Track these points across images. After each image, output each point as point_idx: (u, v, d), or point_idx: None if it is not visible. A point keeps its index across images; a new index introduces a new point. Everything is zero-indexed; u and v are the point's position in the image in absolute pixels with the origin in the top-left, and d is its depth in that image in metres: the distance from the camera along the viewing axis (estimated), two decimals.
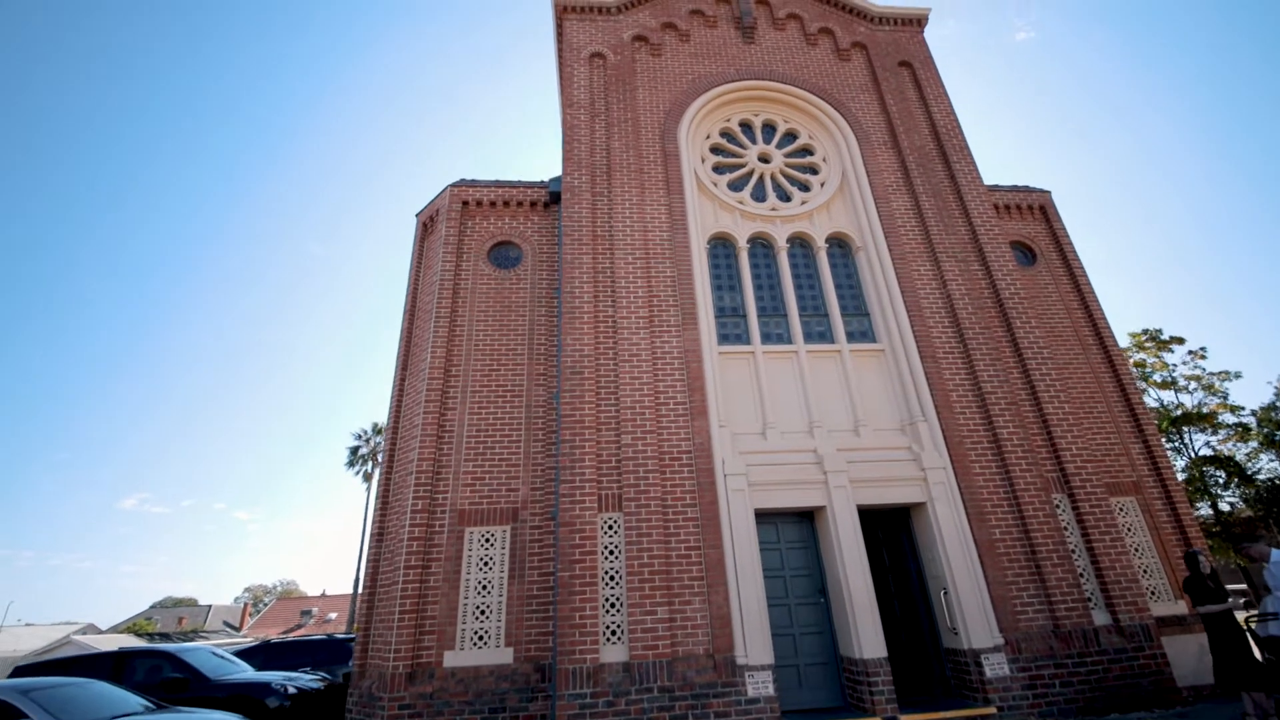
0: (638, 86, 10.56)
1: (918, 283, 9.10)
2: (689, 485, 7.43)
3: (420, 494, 7.78)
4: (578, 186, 9.32)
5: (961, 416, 8.16)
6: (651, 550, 6.96)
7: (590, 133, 9.89)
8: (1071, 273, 10.45)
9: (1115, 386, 9.51)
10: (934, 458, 7.83)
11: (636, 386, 7.90)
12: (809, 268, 9.61)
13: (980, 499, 7.62)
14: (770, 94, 10.96)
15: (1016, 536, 7.48)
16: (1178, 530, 8.46)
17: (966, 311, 8.87)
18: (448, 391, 8.54)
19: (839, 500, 7.50)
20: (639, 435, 7.60)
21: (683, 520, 7.23)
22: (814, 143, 10.73)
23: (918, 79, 11.21)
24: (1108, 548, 7.45)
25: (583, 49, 10.77)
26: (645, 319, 8.40)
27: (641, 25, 11.20)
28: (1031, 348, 8.64)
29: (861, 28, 11.73)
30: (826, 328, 9.07)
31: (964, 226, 9.68)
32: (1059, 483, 7.89)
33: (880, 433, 8.25)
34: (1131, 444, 9.10)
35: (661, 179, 9.62)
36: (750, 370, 8.59)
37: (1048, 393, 8.34)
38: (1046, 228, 10.97)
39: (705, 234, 9.51)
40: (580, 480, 7.27)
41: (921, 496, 7.69)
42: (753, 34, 11.42)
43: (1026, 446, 7.98)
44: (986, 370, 8.43)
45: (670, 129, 10.15)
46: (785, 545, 7.81)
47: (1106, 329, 9.90)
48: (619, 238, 8.98)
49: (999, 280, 9.14)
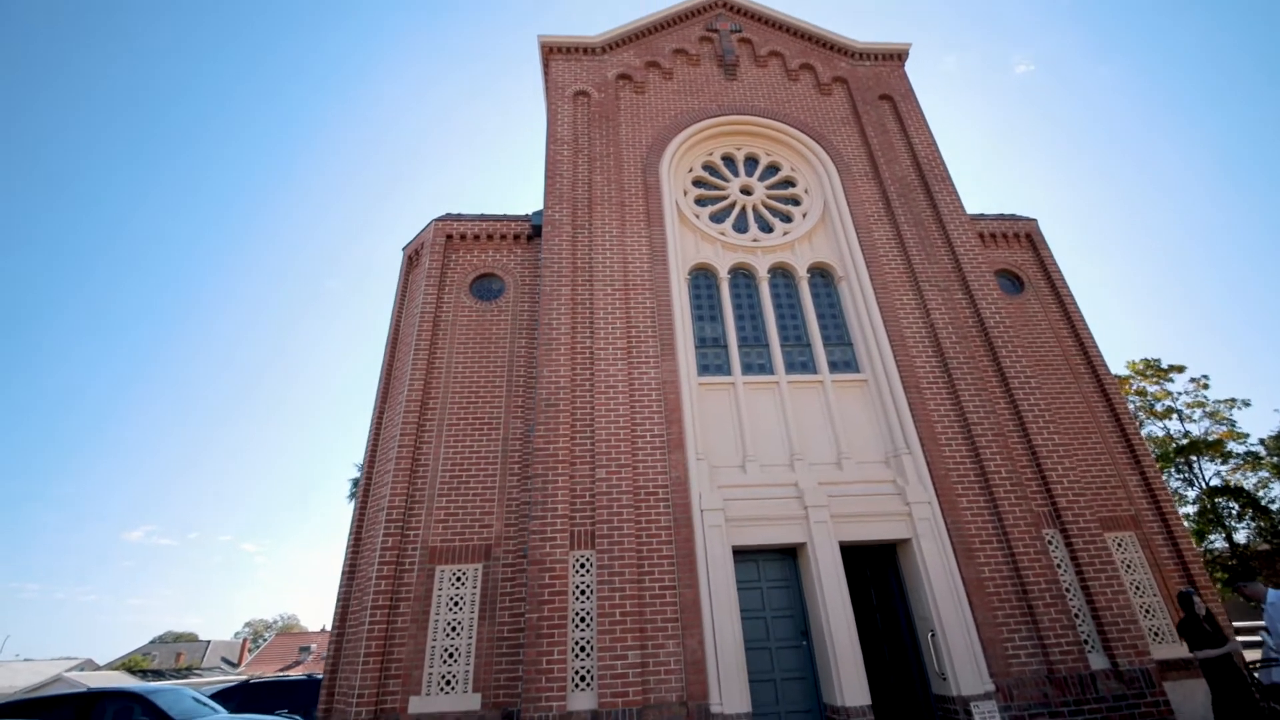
0: (621, 122, 10.75)
1: (900, 312, 9.00)
2: (665, 521, 7.23)
3: (391, 530, 7.62)
4: (558, 220, 9.39)
5: (947, 449, 7.94)
6: (624, 590, 6.73)
7: (573, 167, 10.02)
8: (1060, 301, 10.32)
9: (1109, 416, 9.27)
10: (918, 492, 7.59)
11: (612, 419, 7.78)
12: (791, 298, 9.56)
13: (968, 535, 7.35)
14: (752, 128, 11.11)
15: (1007, 575, 7.17)
16: (1180, 567, 8.10)
17: (950, 340, 8.73)
18: (424, 425, 8.45)
19: (820, 536, 7.26)
20: (614, 469, 7.44)
21: (658, 558, 7.01)
22: (796, 175, 10.81)
23: (899, 111, 11.34)
24: (1104, 586, 7.11)
25: (567, 87, 11.02)
26: (623, 349, 8.33)
27: (625, 64, 11.47)
28: (1018, 377, 8.47)
29: (842, 63, 11.94)
30: (809, 358, 8.96)
31: (947, 255, 9.62)
32: (1050, 518, 7.60)
33: (864, 465, 8.03)
34: (1129, 476, 8.80)
35: (643, 211, 9.69)
36: (730, 401, 8.45)
37: (1036, 423, 8.12)
38: (1034, 255, 10.90)
39: (686, 265, 9.51)
40: (552, 516, 7.09)
41: (906, 533, 7.42)
42: (735, 71, 11.65)
43: (1015, 479, 7.73)
44: (972, 400, 8.24)
45: (652, 163, 10.27)
46: (766, 584, 7.54)
47: (1098, 357, 9.71)
48: (598, 269, 9.00)
49: (983, 308, 9.02)
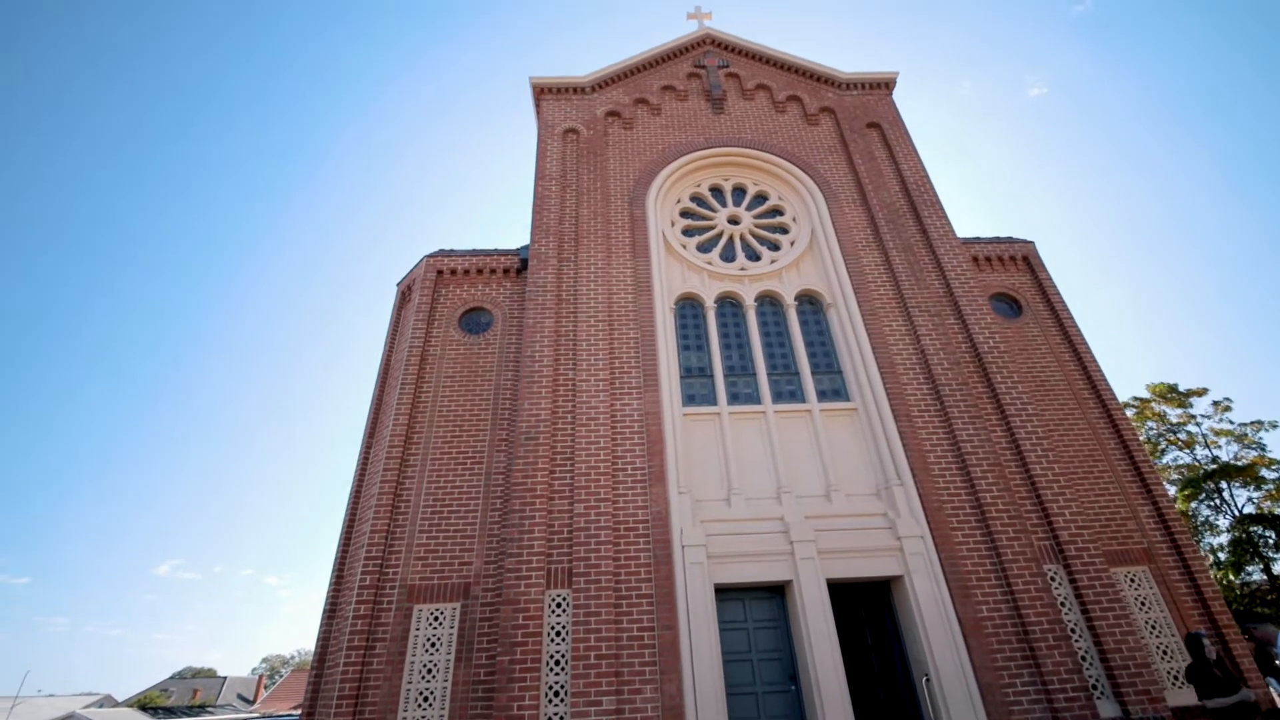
0: (609, 157, 10.93)
1: (890, 338, 8.82)
2: (644, 558, 7.04)
3: (370, 568, 7.54)
4: (543, 253, 9.49)
5: (941, 479, 7.65)
6: (600, 631, 6.51)
7: (560, 202, 10.18)
8: (1061, 324, 10.02)
9: (1117, 444, 8.87)
10: (910, 525, 7.29)
11: (593, 451, 7.68)
12: (779, 326, 9.45)
13: (963, 571, 7.00)
14: (740, 159, 11.21)
15: (1006, 614, 6.78)
16: (1199, 603, 7.59)
17: (942, 366, 8.50)
18: (407, 460, 8.43)
19: (806, 573, 6.98)
20: (593, 504, 7.30)
21: (636, 597, 6.79)
22: (784, 203, 10.82)
23: (887, 139, 11.35)
24: (1112, 626, 6.68)
25: (557, 125, 11.28)
26: (606, 381, 8.28)
27: (614, 102, 11.73)
28: (1014, 403, 8.18)
29: (829, 93, 12.06)
30: (797, 386, 8.79)
31: (937, 280, 9.46)
32: (1052, 552, 7.22)
33: (853, 498, 7.77)
34: (1140, 507, 8.35)
35: (628, 243, 9.76)
36: (716, 432, 8.30)
37: (1034, 452, 7.80)
38: (1031, 278, 10.66)
39: (672, 295, 9.50)
40: (528, 554, 6.95)
41: (898, 569, 7.11)
42: (722, 105, 11.83)
43: (1014, 511, 7.39)
44: (966, 428, 7.96)
45: (639, 196, 10.39)
46: (753, 624, 7.24)
47: (1103, 382, 9.35)
48: (582, 301, 9.03)
49: (976, 333, 8.80)
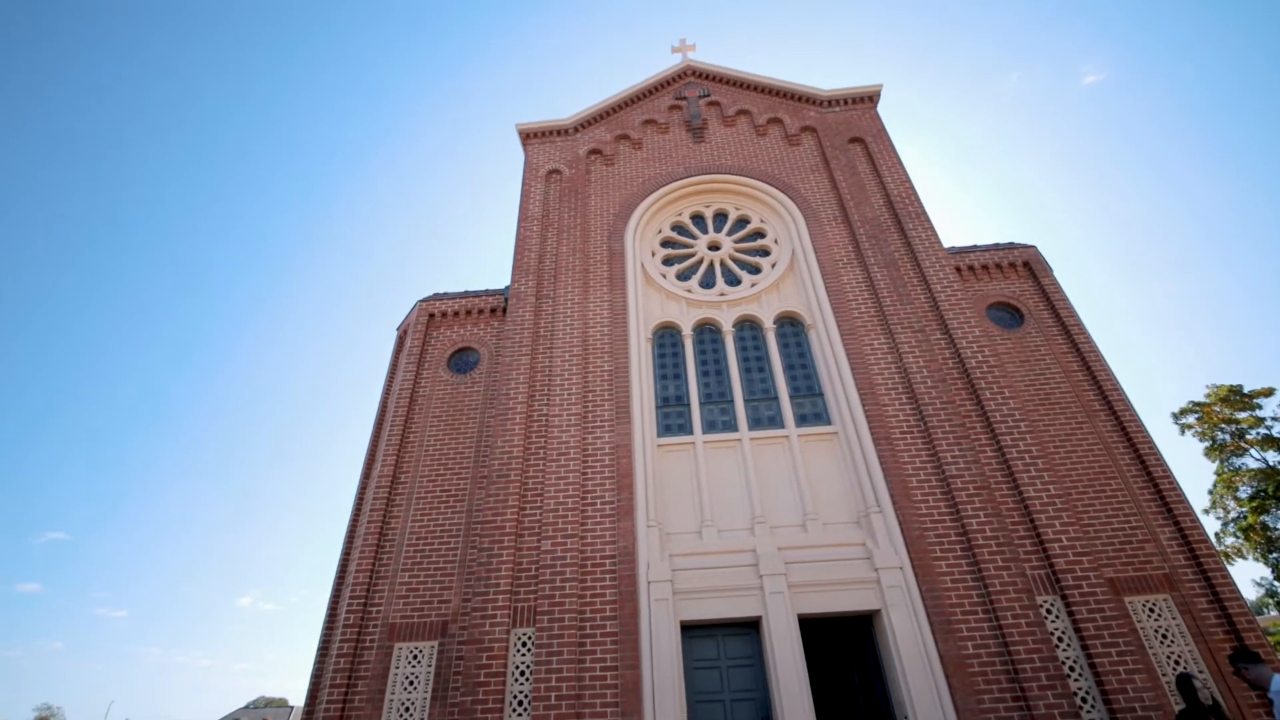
0: (590, 194, 11.21)
1: (870, 358, 8.53)
2: (610, 595, 6.97)
3: (354, 607, 7.78)
4: (523, 292, 9.77)
5: (923, 505, 7.26)
6: (561, 671, 6.47)
7: (540, 242, 10.49)
8: (1067, 332, 9.41)
9: (1133, 459, 8.17)
10: (888, 556, 6.93)
11: (562, 487, 7.73)
12: (759, 350, 9.32)
13: (945, 605, 6.57)
14: (721, 185, 11.25)
15: (994, 651, 6.30)
16: (1231, 635, 6.80)
17: (925, 385, 8.14)
18: (394, 499, 8.72)
19: (775, 609, 6.73)
20: (560, 540, 7.33)
21: (601, 635, 6.72)
22: (765, 226, 10.75)
23: (870, 152, 11.14)
24: (1115, 663, 6.08)
25: (541, 168, 11.69)
26: (578, 415, 8.36)
27: (596, 140, 12.07)
28: (1005, 421, 7.71)
29: (811, 112, 11.99)
30: (776, 411, 8.60)
31: (922, 295, 9.12)
32: (1048, 582, 6.68)
33: (831, 527, 7.47)
34: (1160, 528, 7.63)
35: (606, 277, 9.91)
36: (691, 462, 8.20)
37: (1027, 473, 7.29)
38: (1034, 284, 10.09)
39: (649, 325, 9.55)
40: (494, 593, 7.02)
41: (876, 602, 6.74)
42: (702, 133, 11.96)
43: (1004, 538, 6.91)
44: (950, 450, 7.55)
45: (618, 229, 10.58)
46: (727, 663, 7.00)
47: (1115, 391, 8.68)
48: (559, 337, 9.20)
49: (963, 348, 8.39)
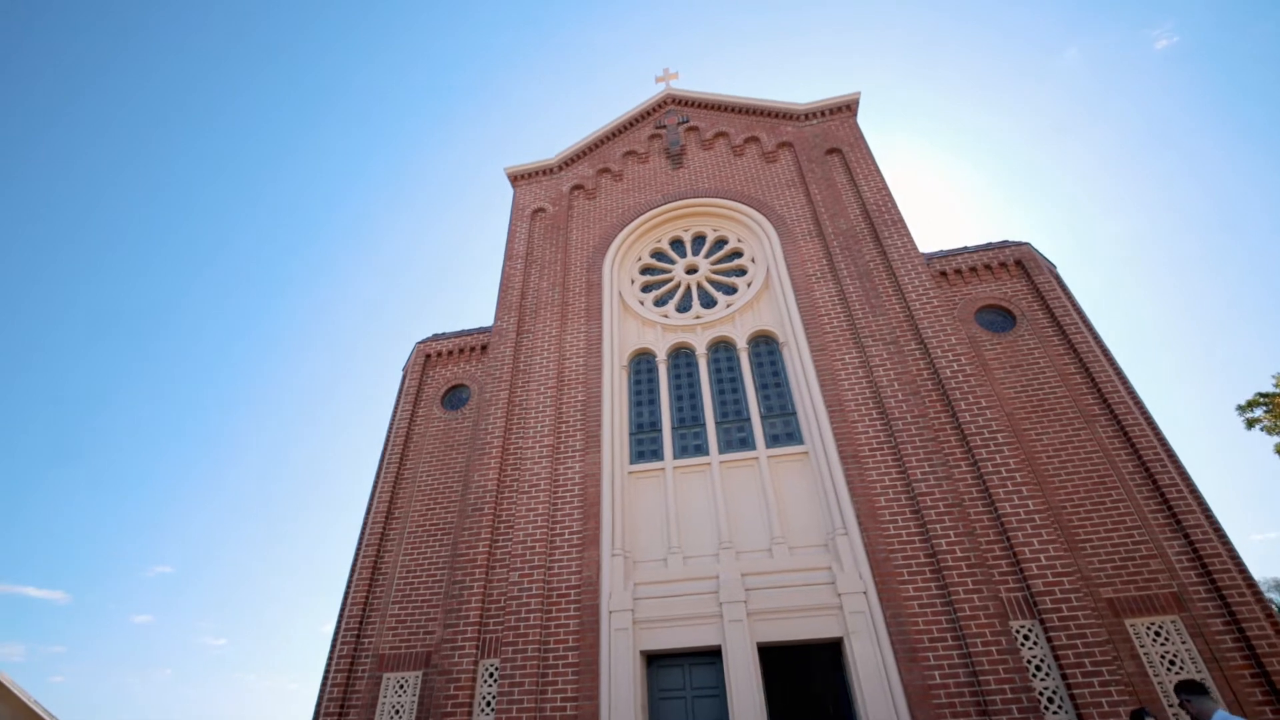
0: (571, 229, 11.61)
1: (841, 374, 8.34)
2: (574, 625, 7.09)
3: (346, 638, 8.24)
4: (505, 329, 10.19)
5: (891, 526, 6.98)
6: (522, 703, 6.62)
7: (523, 279, 10.93)
8: (1063, 332, 8.85)
9: (1136, 466, 7.54)
10: (852, 580, 6.70)
11: (531, 518, 7.96)
12: (733, 371, 9.29)
13: (910, 632, 6.27)
14: (699, 209, 11.38)
15: (963, 681, 5.94)
16: (1250, 660, 6.09)
17: (896, 399, 7.86)
18: (387, 534, 9.21)
19: (734, 637, 6.63)
20: (527, 571, 7.53)
21: (563, 666, 6.83)
22: (742, 245, 10.76)
23: (847, 162, 10.98)
24: (1099, 694, 5.60)
25: (527, 207, 12.22)
26: (550, 447, 8.60)
27: (579, 176, 12.50)
28: (980, 433, 7.33)
29: (788, 127, 11.95)
30: (748, 433, 8.53)
31: (897, 305, 8.84)
32: (1024, 605, 6.25)
33: (798, 552, 7.30)
34: (1168, 542, 6.98)
35: (584, 308, 10.20)
36: (661, 488, 8.25)
37: (1003, 488, 6.89)
38: (1027, 284, 9.56)
39: (625, 353, 9.72)
40: (464, 624, 7.29)
41: (839, 630, 6.52)
42: (681, 159, 12.16)
43: (976, 559, 6.54)
44: (920, 467, 7.25)
45: (596, 261, 10.88)
46: (692, 693, 6.93)
47: (1116, 394, 8.06)
48: (535, 370, 9.53)
49: (938, 358, 8.06)
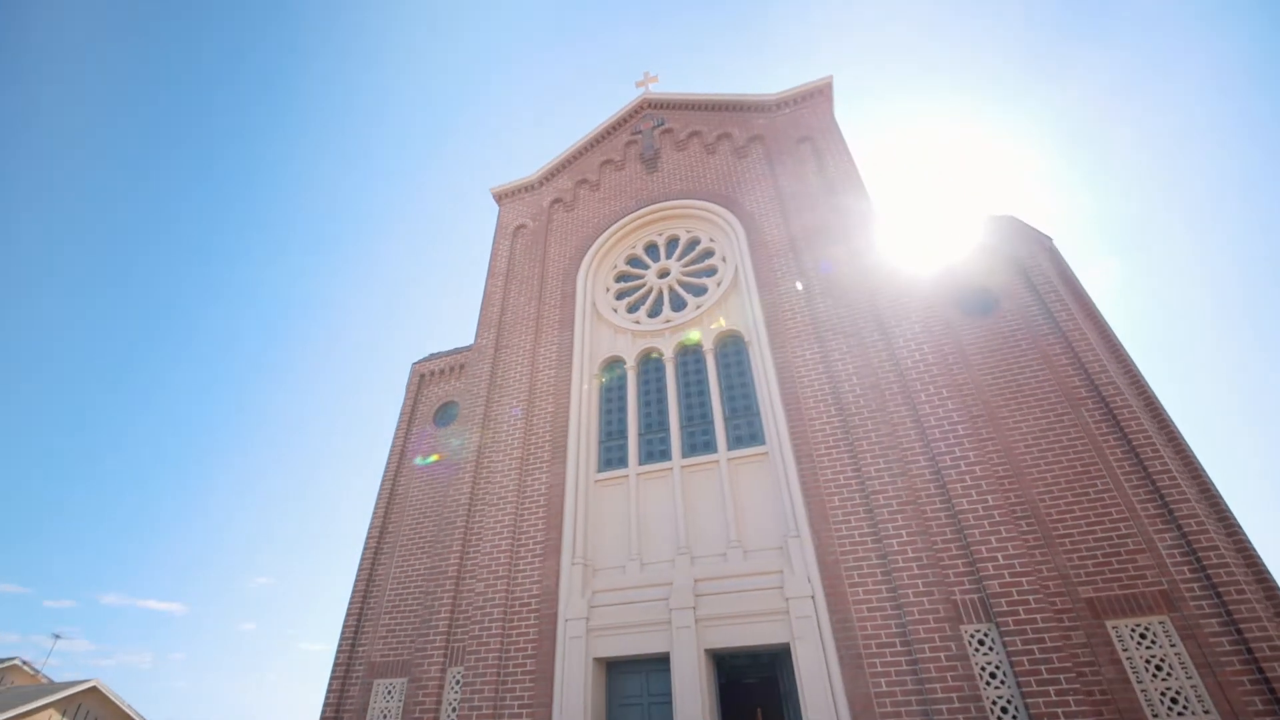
0: (550, 242, 11.86)
1: (800, 369, 8.12)
2: (533, 634, 7.28)
3: (343, 647, 8.80)
4: (484, 346, 10.56)
5: (843, 527, 6.74)
6: (482, 709, 6.86)
7: (503, 296, 11.28)
8: (1049, 311, 8.23)
9: (1126, 453, 6.92)
10: (800, 584, 6.52)
11: (498, 530, 8.22)
12: (700, 373, 9.22)
13: (857, 637, 6.03)
14: (672, 211, 11.35)
15: (910, 690, 5.67)
16: (1250, 666, 5.47)
17: (854, 394, 7.57)
18: (381, 548, 9.75)
19: (680, 643, 6.60)
20: (492, 581, 7.79)
21: (521, 674, 7.03)
22: (714, 245, 10.65)
23: (818, 149, 10.64)
24: (1055, 704, 5.19)
25: (509, 225, 12.59)
26: (518, 459, 8.85)
27: (559, 189, 12.75)
28: (940, 426, 6.94)
29: (760, 120, 11.71)
30: (711, 435, 8.46)
31: (861, 295, 8.50)
32: (980, 608, 5.88)
33: (752, 555, 7.17)
34: (1159, 535, 6.37)
35: (557, 321, 10.42)
36: (626, 495, 8.31)
37: (961, 482, 6.50)
38: (1011, 261, 8.94)
39: (596, 362, 9.85)
40: (433, 633, 7.63)
41: (786, 635, 6.37)
42: (655, 163, 12.16)
43: (929, 559, 6.21)
44: (875, 464, 6.96)
45: (571, 273, 11.07)
46: (649, 699, 6.95)
47: (1103, 374, 7.42)
48: (509, 385, 9.82)
49: (899, 348, 7.70)
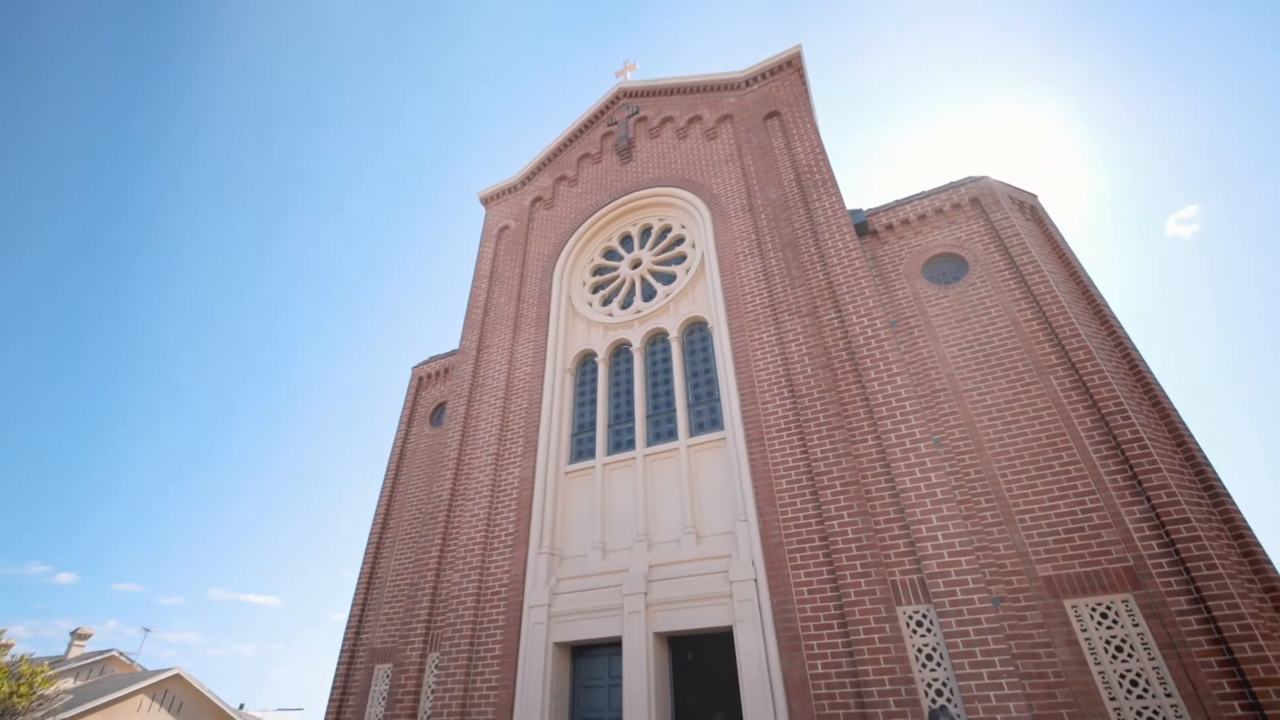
0: (530, 241, 12.12)
1: (756, 352, 8.03)
2: (502, 620, 7.64)
3: (348, 634, 9.51)
4: (468, 348, 10.97)
5: (788, 510, 6.68)
6: (454, 691, 7.29)
7: (486, 297, 11.65)
8: (1021, 274, 7.76)
9: (1095, 422, 6.49)
10: (744, 568, 6.53)
11: (474, 523, 8.62)
12: (667, 362, 9.26)
13: (794, 619, 6.01)
14: (644, 201, 11.34)
15: (845, 672, 5.61)
16: (1219, 646, 5.09)
17: (805, 375, 7.43)
18: (383, 542, 10.41)
19: (631, 628, 6.77)
20: (466, 572, 8.20)
21: (490, 658, 7.41)
22: (684, 231, 10.59)
23: (785, 124, 10.33)
24: (987, 686, 5.02)
25: (494, 228, 12.92)
26: (494, 454, 9.21)
27: (540, 188, 12.96)
28: (887, 403, 6.73)
29: (730, 99, 11.46)
30: (675, 423, 8.51)
31: (819, 274, 8.27)
32: (916, 589, 5.72)
33: (705, 540, 7.22)
34: (1127, 508, 5.97)
35: (534, 318, 10.68)
36: (593, 486, 8.51)
37: (905, 460, 6.30)
38: (984, 224, 8.46)
39: (569, 356, 10.05)
40: (415, 621, 8.13)
41: (729, 619, 6.41)
42: (630, 153, 12.14)
43: (868, 540, 6.08)
44: (822, 445, 6.83)
45: (548, 270, 11.29)
46: (610, 682, 7.18)
47: (1074, 339, 6.95)
48: (488, 384, 10.19)
49: (852, 325, 7.47)
